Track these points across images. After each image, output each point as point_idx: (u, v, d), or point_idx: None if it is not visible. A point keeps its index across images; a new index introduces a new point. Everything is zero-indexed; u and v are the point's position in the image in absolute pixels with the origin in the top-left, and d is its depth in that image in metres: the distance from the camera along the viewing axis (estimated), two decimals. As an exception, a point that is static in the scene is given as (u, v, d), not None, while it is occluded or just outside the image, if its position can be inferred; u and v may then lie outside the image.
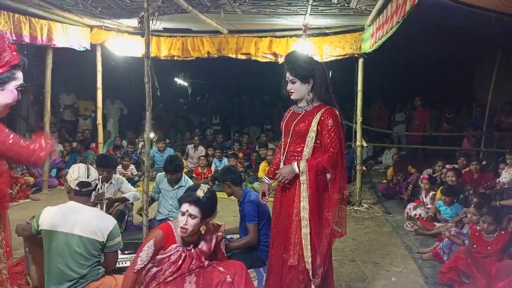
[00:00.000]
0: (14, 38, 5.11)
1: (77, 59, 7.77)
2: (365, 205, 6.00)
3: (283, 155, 2.70)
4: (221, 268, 2.59)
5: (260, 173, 6.89)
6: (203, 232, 2.60)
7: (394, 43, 4.54)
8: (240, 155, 8.19)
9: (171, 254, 2.53)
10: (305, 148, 2.58)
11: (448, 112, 9.27)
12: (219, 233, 2.75)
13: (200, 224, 2.53)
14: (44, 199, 5.90)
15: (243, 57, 6.45)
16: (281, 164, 2.69)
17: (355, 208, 5.86)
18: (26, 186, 6.01)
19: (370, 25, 5.28)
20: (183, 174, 4.59)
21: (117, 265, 2.85)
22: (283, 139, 2.74)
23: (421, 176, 5.85)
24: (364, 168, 6.37)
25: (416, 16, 3.34)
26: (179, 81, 14.80)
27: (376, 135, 9.47)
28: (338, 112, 2.61)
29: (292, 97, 2.66)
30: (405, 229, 4.99)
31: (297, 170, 2.53)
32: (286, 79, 2.63)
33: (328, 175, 2.58)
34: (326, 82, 2.62)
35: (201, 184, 2.64)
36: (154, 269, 2.54)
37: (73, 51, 6.38)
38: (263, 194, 2.85)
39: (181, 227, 2.47)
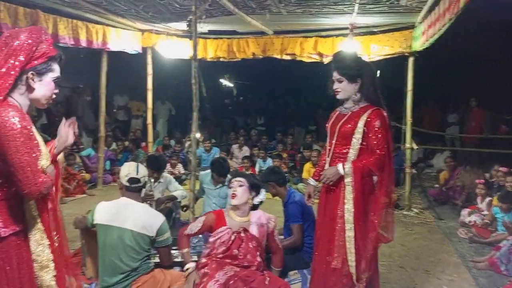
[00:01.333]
0: (73, 42, 5.45)
1: (129, 62, 8.14)
2: (415, 210, 5.78)
3: (328, 156, 2.66)
4: (266, 279, 2.58)
5: (305, 174, 6.84)
6: (250, 203, 2.79)
7: (447, 41, 4.34)
8: (284, 155, 8.18)
9: (222, 235, 2.68)
10: (350, 150, 2.53)
11: (506, 113, 8.72)
12: (271, 224, 2.83)
13: (248, 194, 2.77)
14: (99, 195, 6.23)
15: (288, 57, 6.43)
16: (326, 165, 2.65)
17: (404, 212, 5.65)
18: (82, 182, 6.39)
19: (421, 23, 5.08)
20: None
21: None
22: (328, 141, 2.70)
23: (477, 181, 5.54)
24: (414, 171, 6.13)
25: (470, 12, 3.17)
26: (225, 82, 15.04)
27: (427, 137, 9.08)
28: (386, 113, 2.54)
29: (338, 96, 2.61)
30: (458, 236, 4.75)
31: (342, 172, 2.48)
32: (333, 78, 2.58)
33: (375, 178, 2.52)
34: (374, 82, 2.56)
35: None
36: (208, 250, 2.73)
37: (126, 55, 6.69)
38: (309, 196, 2.83)
39: (232, 194, 2.76)
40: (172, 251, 3.02)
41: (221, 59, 6.81)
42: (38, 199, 1.68)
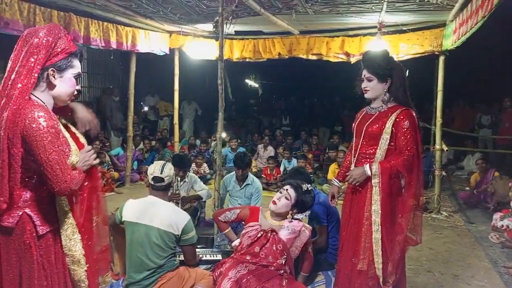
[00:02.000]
0: (103, 44, 5.60)
1: (159, 63, 8.32)
2: (444, 213, 5.62)
3: (354, 157, 2.63)
4: (284, 281, 2.54)
5: (330, 175, 6.78)
6: (289, 219, 2.77)
7: (479, 39, 4.20)
8: (309, 156, 8.12)
9: (250, 230, 2.72)
10: (378, 150, 2.49)
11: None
12: (306, 233, 2.76)
13: (288, 209, 2.77)
14: (126, 193, 6.38)
15: (314, 57, 6.38)
16: (352, 166, 2.62)
17: (433, 216, 5.51)
18: (111, 180, 6.56)
19: (452, 21, 4.94)
20: (249, 173, 4.66)
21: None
22: (354, 141, 2.67)
23: (510, 184, 5.33)
24: (443, 173, 5.95)
25: (504, 8, 3.05)
26: (250, 82, 15.10)
27: (457, 138, 8.80)
28: (415, 113, 2.49)
29: (367, 95, 2.58)
30: (490, 241, 4.59)
31: (369, 173, 2.45)
32: (362, 76, 2.55)
33: (403, 180, 2.48)
34: (404, 83, 2.52)
35: (309, 185, 2.92)
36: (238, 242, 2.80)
37: (155, 56, 6.83)
38: (332, 197, 2.81)
39: (274, 200, 2.77)
40: (197, 250, 3.07)
41: (247, 60, 6.83)
42: (70, 195, 1.72)
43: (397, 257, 2.44)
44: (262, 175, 7.38)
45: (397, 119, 2.44)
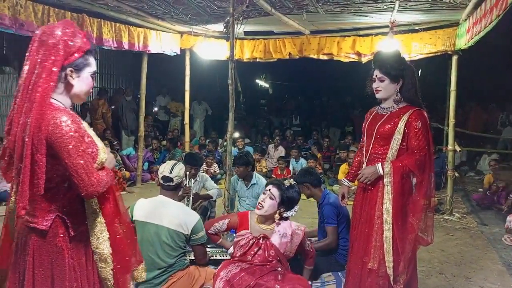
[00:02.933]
0: (116, 45, 5.67)
1: (170, 64, 8.37)
2: (456, 214, 5.55)
3: (365, 157, 2.63)
4: (279, 276, 2.52)
5: (340, 176, 6.74)
6: (276, 220, 2.69)
7: (493, 38, 4.13)
8: (318, 155, 8.09)
9: (241, 238, 2.67)
10: (389, 150, 2.49)
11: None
12: (299, 234, 2.72)
13: (275, 209, 2.67)
14: (137, 192, 6.44)
15: (325, 57, 6.35)
16: (363, 166, 2.62)
17: (445, 217, 5.44)
18: (122, 180, 6.63)
19: (465, 20, 4.87)
20: (254, 172, 4.65)
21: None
22: (365, 141, 2.67)
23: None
24: (456, 174, 5.87)
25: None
26: (261, 82, 15.10)
27: (472, 139, 8.67)
28: (426, 114, 2.49)
29: (378, 95, 2.57)
30: (503, 243, 4.52)
31: (381, 171, 2.45)
32: (374, 76, 2.55)
33: (414, 179, 2.48)
34: (415, 83, 2.52)
35: (291, 179, 2.83)
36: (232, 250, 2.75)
37: (167, 56, 6.88)
38: (343, 197, 2.81)
39: (258, 203, 2.69)
40: (208, 250, 3.08)
41: (257, 60, 6.84)
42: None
43: (408, 256, 2.44)
44: (272, 176, 7.38)
45: (409, 119, 2.44)
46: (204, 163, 7.00)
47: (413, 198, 2.48)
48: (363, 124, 2.70)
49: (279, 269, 2.59)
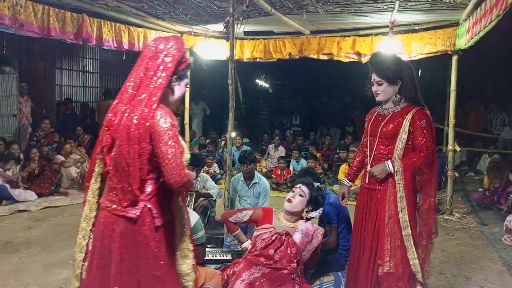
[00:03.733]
0: (116, 45, 5.67)
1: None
2: (456, 214, 5.55)
3: (370, 157, 2.62)
4: (296, 286, 2.52)
5: (340, 176, 6.75)
6: (304, 217, 2.76)
7: (493, 38, 4.14)
8: (318, 155, 8.09)
9: (264, 232, 2.70)
10: (395, 150, 2.50)
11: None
12: (318, 237, 2.77)
13: (304, 206, 2.76)
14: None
15: (325, 57, 6.35)
16: (368, 167, 2.61)
17: (445, 217, 5.44)
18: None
19: (465, 20, 4.88)
20: (255, 171, 4.65)
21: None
22: (369, 141, 2.66)
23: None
24: (456, 174, 5.88)
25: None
26: (261, 82, 15.10)
27: (471, 139, 8.67)
28: (429, 112, 2.51)
29: (378, 98, 2.58)
30: (503, 243, 4.52)
31: (391, 169, 2.45)
32: (372, 80, 2.55)
33: (417, 177, 2.50)
34: (414, 82, 2.52)
35: (317, 183, 2.95)
36: (250, 246, 2.77)
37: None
38: (343, 197, 2.81)
39: (288, 199, 2.76)
40: (207, 249, 3.08)
41: (257, 60, 6.84)
42: (182, 193, 1.88)
43: (426, 254, 2.49)
44: (272, 175, 7.38)
45: (414, 118, 2.45)
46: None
47: (424, 194, 2.52)
48: (366, 125, 2.70)
49: (295, 275, 2.60)
